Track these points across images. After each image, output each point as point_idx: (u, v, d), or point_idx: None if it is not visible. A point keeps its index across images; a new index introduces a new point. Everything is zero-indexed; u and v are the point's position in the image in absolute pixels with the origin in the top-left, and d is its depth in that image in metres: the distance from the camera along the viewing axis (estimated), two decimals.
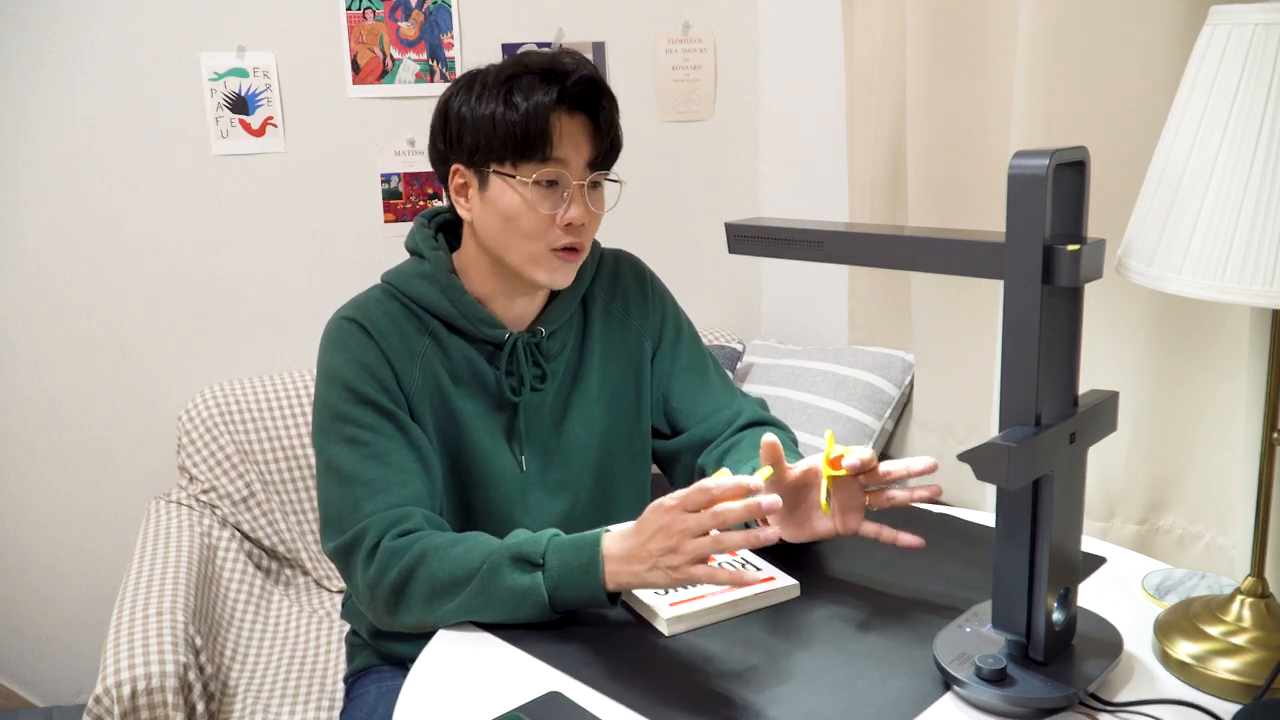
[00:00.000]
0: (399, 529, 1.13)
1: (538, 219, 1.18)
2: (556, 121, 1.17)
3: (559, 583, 1.03)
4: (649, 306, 1.37)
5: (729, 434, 1.34)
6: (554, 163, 1.17)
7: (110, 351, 2.14)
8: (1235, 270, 0.84)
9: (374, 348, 1.20)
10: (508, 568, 1.05)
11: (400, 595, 1.10)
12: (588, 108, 1.19)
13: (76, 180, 2.06)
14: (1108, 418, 0.93)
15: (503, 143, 1.17)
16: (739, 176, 2.58)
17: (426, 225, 1.30)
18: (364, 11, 2.17)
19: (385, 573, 1.10)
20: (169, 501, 2.01)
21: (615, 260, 1.39)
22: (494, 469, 1.26)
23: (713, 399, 1.37)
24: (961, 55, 1.74)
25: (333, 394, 1.19)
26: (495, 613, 1.06)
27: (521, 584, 1.04)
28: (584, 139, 1.19)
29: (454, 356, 1.25)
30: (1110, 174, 1.36)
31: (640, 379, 1.36)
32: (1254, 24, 0.84)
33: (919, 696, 0.91)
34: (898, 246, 0.93)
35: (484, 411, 1.26)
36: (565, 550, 1.04)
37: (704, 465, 1.33)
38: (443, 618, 1.08)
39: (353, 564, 1.14)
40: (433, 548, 1.09)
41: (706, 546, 0.95)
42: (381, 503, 1.14)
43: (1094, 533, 1.54)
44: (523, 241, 1.19)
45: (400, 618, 1.12)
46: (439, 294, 1.24)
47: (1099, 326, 1.48)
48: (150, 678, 1.45)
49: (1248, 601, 0.96)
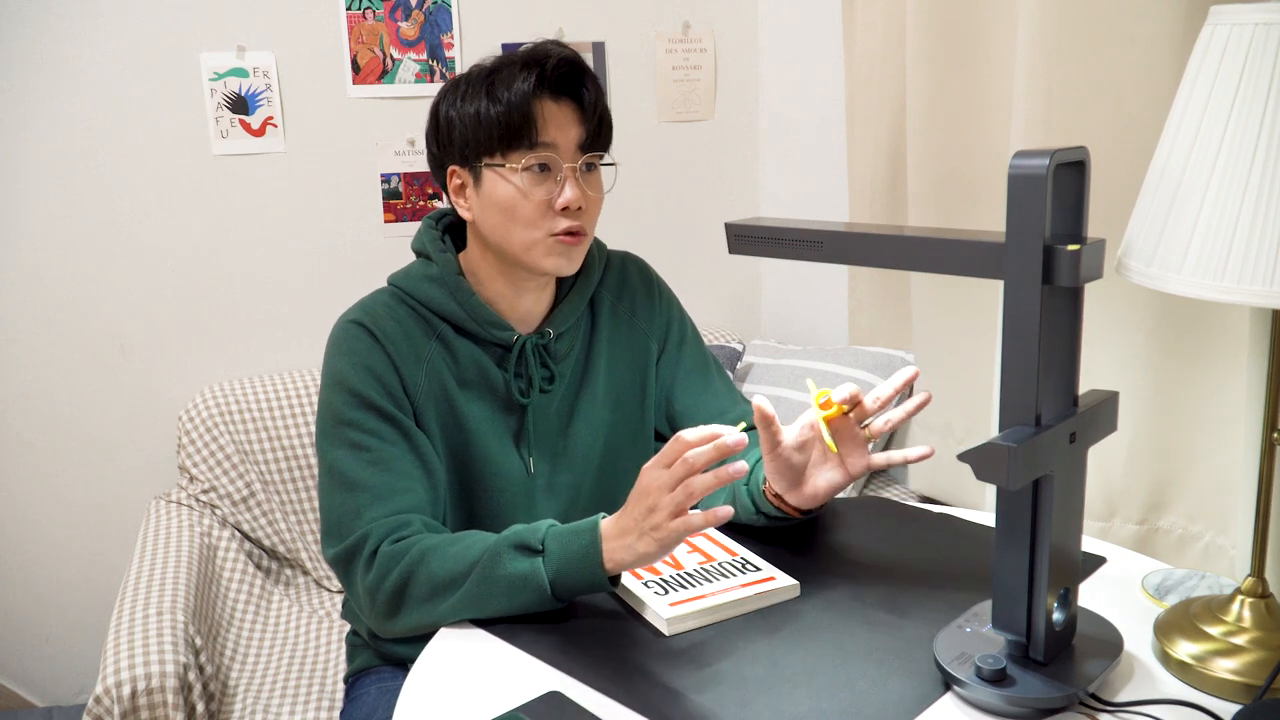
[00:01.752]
0: (397, 535, 1.13)
1: (533, 206, 1.18)
2: (540, 106, 1.18)
3: (559, 567, 1.03)
4: (655, 309, 1.38)
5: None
6: (542, 147, 1.18)
7: (110, 352, 2.14)
8: (1235, 270, 0.84)
9: (380, 352, 1.20)
10: (507, 555, 1.05)
11: (401, 597, 1.10)
12: (570, 90, 1.20)
13: (76, 180, 2.06)
14: (1108, 418, 0.93)
15: (490, 135, 1.18)
16: (739, 176, 2.58)
17: (434, 227, 1.30)
18: (364, 11, 2.17)
19: (385, 577, 1.10)
20: (169, 501, 2.01)
21: (623, 262, 1.39)
22: (500, 472, 1.26)
23: (716, 402, 1.37)
24: (961, 55, 1.74)
25: (336, 398, 1.19)
26: (497, 603, 1.06)
27: (521, 570, 1.04)
28: (570, 121, 1.20)
29: (461, 359, 1.24)
30: (1110, 174, 1.36)
31: (645, 381, 1.36)
32: (1254, 24, 0.84)
33: (919, 696, 0.91)
34: (898, 246, 0.93)
35: (491, 415, 1.26)
36: (564, 535, 1.04)
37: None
38: (444, 614, 1.08)
39: (353, 571, 1.14)
40: (431, 547, 1.10)
41: (679, 496, 0.95)
42: (382, 509, 1.14)
43: (1094, 533, 1.54)
44: (523, 230, 1.19)
45: (402, 620, 1.12)
46: (447, 296, 1.24)
47: (1099, 326, 1.47)
48: (150, 678, 1.45)
49: (1248, 602, 0.96)
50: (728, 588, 1.09)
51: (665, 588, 1.09)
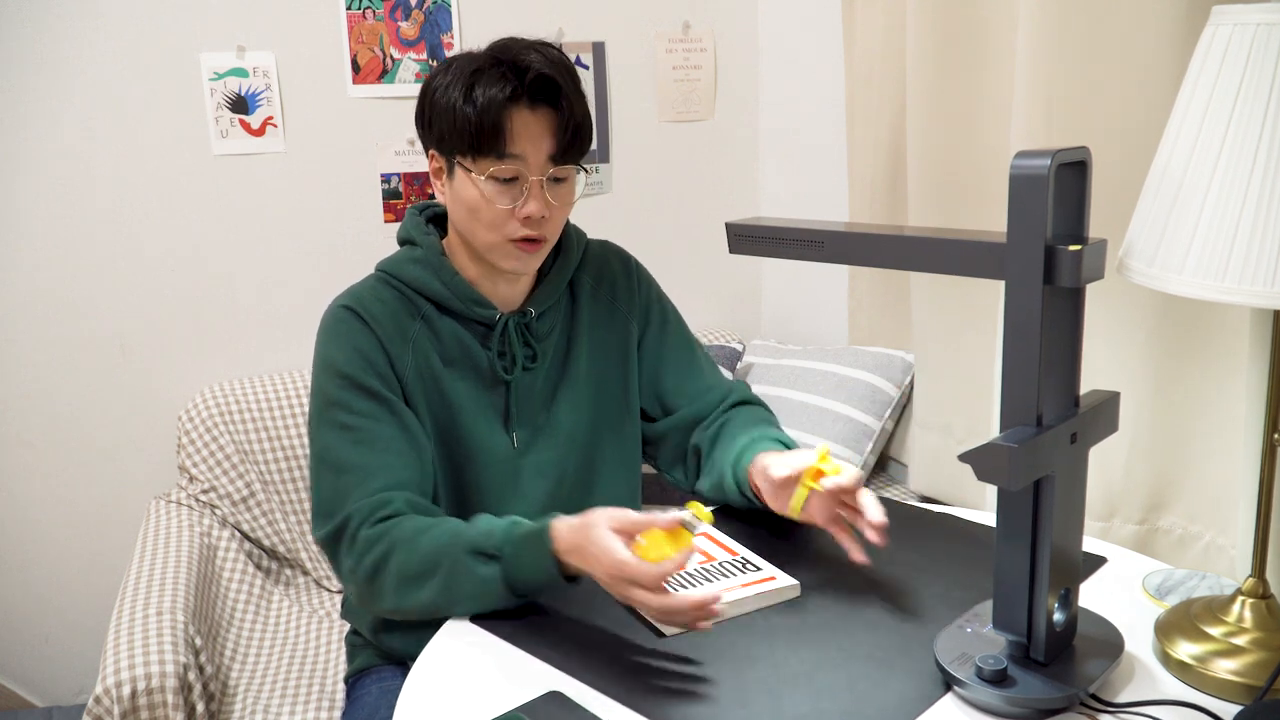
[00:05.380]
0: (377, 516, 1.15)
1: (495, 213, 1.20)
2: (512, 118, 1.17)
3: (516, 573, 1.06)
4: (635, 291, 1.40)
5: (720, 412, 1.36)
6: (510, 159, 1.18)
7: (110, 352, 2.14)
8: (1236, 271, 0.84)
9: (368, 333, 1.23)
10: (468, 561, 1.08)
11: (374, 584, 1.14)
12: (549, 100, 1.19)
13: (76, 180, 2.06)
14: (1109, 418, 0.93)
15: (460, 136, 1.19)
16: (739, 176, 2.57)
17: (418, 215, 1.34)
18: (364, 11, 2.17)
19: (361, 560, 1.14)
20: (169, 501, 2.01)
21: (602, 249, 1.42)
22: (485, 449, 1.28)
23: (702, 379, 1.39)
24: (961, 55, 1.73)
25: (325, 382, 1.23)
26: (463, 605, 1.10)
27: (482, 575, 1.08)
28: (544, 133, 1.19)
29: (445, 339, 1.27)
30: (1111, 174, 1.36)
31: (628, 362, 1.38)
32: (1256, 24, 0.84)
33: (919, 697, 0.91)
34: (898, 246, 0.93)
35: (475, 393, 1.28)
36: (518, 543, 1.07)
37: (699, 444, 1.35)
38: (415, 608, 1.12)
39: (338, 552, 1.18)
40: (401, 539, 1.12)
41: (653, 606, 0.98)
42: (367, 489, 1.17)
43: (1094, 533, 1.54)
44: (484, 231, 1.22)
45: (378, 605, 1.16)
46: (431, 276, 1.27)
47: (1100, 327, 1.47)
48: (150, 678, 1.44)
49: (1248, 602, 0.96)
50: (729, 588, 1.09)
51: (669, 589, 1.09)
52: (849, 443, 2.07)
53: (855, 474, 1.09)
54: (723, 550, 1.19)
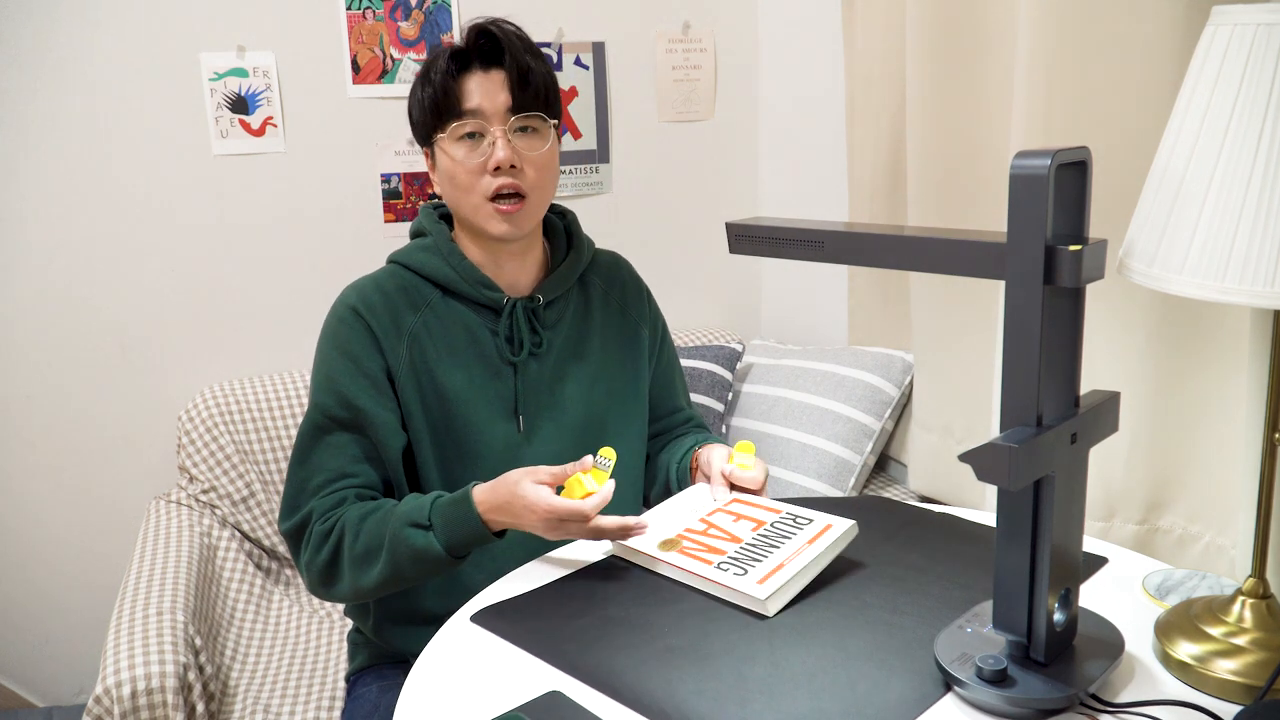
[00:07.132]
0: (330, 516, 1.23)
1: (467, 171, 1.26)
2: (464, 80, 1.26)
3: (449, 536, 1.16)
4: (644, 305, 1.47)
5: (677, 432, 1.50)
6: (469, 115, 1.25)
7: (111, 351, 2.14)
8: (1236, 271, 0.84)
9: (363, 331, 1.27)
10: (407, 532, 1.17)
11: (331, 571, 1.23)
12: (496, 60, 1.26)
13: (76, 180, 2.06)
14: (1109, 418, 0.93)
15: (427, 115, 1.28)
16: (739, 176, 2.58)
17: (430, 210, 1.39)
18: (364, 11, 2.17)
19: (316, 554, 1.23)
20: (169, 501, 2.01)
21: (613, 258, 1.48)
22: (484, 439, 1.31)
23: (675, 399, 1.52)
24: (961, 55, 1.73)
25: (315, 380, 1.29)
26: (411, 575, 1.19)
27: (419, 544, 1.16)
28: (497, 88, 1.26)
29: (451, 325, 1.30)
30: (1111, 174, 1.36)
31: (639, 363, 1.43)
32: (1256, 24, 0.84)
33: (919, 697, 0.91)
34: (898, 246, 0.93)
35: (479, 381, 1.31)
36: (444, 510, 1.17)
37: (650, 452, 1.49)
38: (370, 586, 1.20)
39: (297, 546, 1.25)
40: (348, 524, 1.22)
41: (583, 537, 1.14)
42: (329, 489, 1.24)
43: (1094, 533, 1.54)
44: (464, 196, 1.28)
45: (337, 590, 1.24)
46: (441, 261, 1.31)
47: (1100, 327, 1.47)
48: (150, 678, 1.45)
49: (1249, 602, 0.96)
50: (799, 548, 1.11)
51: (740, 566, 1.10)
52: (849, 443, 2.07)
53: (759, 481, 1.26)
54: (768, 511, 1.20)
